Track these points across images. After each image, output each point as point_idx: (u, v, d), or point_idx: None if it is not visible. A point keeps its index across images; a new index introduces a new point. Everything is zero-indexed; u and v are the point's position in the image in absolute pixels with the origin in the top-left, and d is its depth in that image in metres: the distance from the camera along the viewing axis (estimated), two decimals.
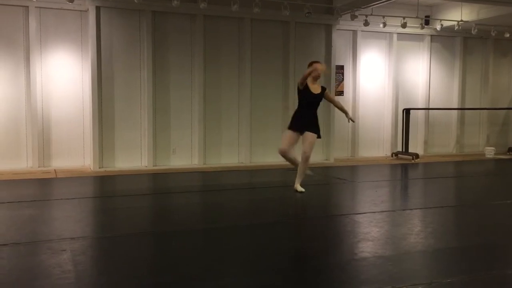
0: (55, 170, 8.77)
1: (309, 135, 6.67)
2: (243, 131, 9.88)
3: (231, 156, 9.90)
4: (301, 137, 6.73)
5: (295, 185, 6.84)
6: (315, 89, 6.69)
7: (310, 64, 6.66)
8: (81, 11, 8.97)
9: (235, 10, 8.93)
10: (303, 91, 6.65)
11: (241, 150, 9.92)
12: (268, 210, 5.97)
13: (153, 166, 9.20)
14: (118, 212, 5.85)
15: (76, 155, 9.20)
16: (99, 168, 8.84)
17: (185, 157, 9.56)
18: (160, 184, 8.00)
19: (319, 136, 6.78)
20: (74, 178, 8.06)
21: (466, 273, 3.65)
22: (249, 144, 9.91)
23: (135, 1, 8.47)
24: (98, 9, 8.75)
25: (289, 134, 6.76)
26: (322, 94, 6.76)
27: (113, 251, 4.23)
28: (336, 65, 10.66)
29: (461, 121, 12.39)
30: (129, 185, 7.69)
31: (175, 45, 9.36)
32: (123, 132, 9.10)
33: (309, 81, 6.64)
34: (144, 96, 9.15)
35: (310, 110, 6.74)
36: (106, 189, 7.64)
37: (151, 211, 6.06)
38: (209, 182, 8.13)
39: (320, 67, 6.64)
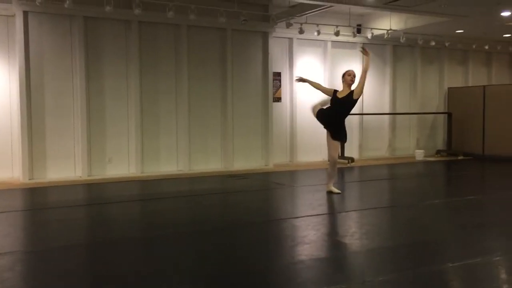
0: None
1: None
2: (182, 138, 9.78)
3: (170, 164, 9.77)
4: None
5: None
6: (342, 93, 7.15)
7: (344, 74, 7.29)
8: (7, 16, 8.55)
9: (170, 16, 8.85)
10: (332, 97, 7.19)
11: (180, 158, 9.81)
12: (208, 217, 5.94)
13: (88, 176, 8.90)
14: (50, 225, 5.60)
15: (4, 166, 8.72)
16: (29, 179, 8.43)
17: (122, 166, 9.32)
18: (95, 194, 7.74)
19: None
20: (2, 191, 7.63)
21: (397, 271, 3.80)
22: (188, 151, 9.82)
23: (65, 6, 8.18)
24: (26, 14, 8.38)
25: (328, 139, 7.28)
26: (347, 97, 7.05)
27: (44, 266, 4.05)
28: (274, 72, 10.82)
29: (393, 126, 12.93)
30: (62, 197, 7.39)
31: (109, 52, 9.13)
32: (55, 142, 8.74)
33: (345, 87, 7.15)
34: (77, 103, 8.84)
35: (335, 115, 7.26)
36: (37, 201, 7.29)
37: (85, 222, 5.85)
38: (147, 190, 7.98)
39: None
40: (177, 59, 9.71)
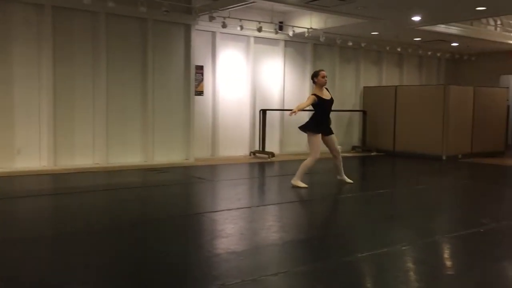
0: None
1: (334, 136, 7.64)
2: (99, 130, 9.40)
3: (86, 157, 9.35)
4: (326, 138, 7.51)
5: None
6: (327, 95, 7.36)
7: (317, 73, 7.31)
8: None
9: (87, 3, 8.46)
10: (320, 102, 7.22)
11: (97, 151, 9.43)
12: (124, 212, 5.77)
13: None
14: None
15: None
16: None
17: (32, 158, 8.79)
18: (0, 188, 7.24)
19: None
20: None
21: (310, 263, 3.92)
22: (106, 144, 9.46)
23: None
24: None
25: (320, 140, 7.39)
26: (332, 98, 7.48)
27: None
28: (196, 65, 10.71)
29: None
30: None
31: (19, 37, 8.55)
32: None
33: (318, 92, 7.24)
34: None
35: (328, 115, 7.51)
36: None
37: None
38: (60, 184, 7.61)
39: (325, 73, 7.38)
40: (94, 48, 9.30)
